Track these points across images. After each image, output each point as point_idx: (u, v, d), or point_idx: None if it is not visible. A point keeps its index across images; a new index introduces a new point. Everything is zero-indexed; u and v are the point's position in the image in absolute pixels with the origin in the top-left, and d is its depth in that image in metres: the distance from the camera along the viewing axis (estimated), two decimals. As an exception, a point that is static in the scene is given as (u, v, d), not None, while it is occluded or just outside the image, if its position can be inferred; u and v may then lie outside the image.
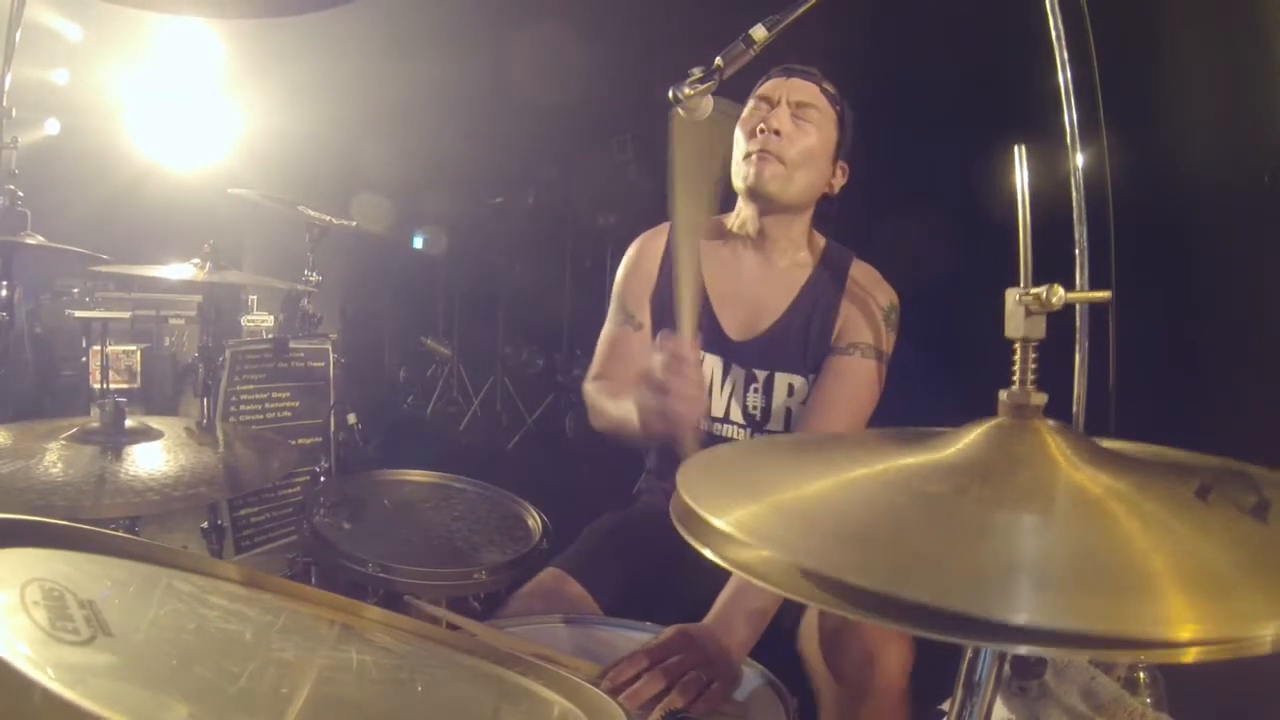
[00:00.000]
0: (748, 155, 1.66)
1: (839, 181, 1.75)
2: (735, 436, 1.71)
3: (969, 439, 0.73)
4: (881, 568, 0.56)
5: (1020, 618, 0.50)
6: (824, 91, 1.70)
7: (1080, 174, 1.37)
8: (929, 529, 0.61)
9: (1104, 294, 0.96)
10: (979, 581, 0.54)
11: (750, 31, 1.31)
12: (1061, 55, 1.36)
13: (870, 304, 1.69)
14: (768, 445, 0.92)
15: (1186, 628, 0.49)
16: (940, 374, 2.03)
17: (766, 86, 1.71)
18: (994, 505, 0.63)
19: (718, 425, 1.72)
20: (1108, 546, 0.58)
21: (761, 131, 1.65)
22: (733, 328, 1.72)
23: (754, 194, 1.67)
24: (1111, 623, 0.50)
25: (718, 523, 0.62)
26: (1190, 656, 0.49)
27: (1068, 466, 0.68)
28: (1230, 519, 0.61)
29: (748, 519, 0.63)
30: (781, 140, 1.64)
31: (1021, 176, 0.83)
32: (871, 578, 0.53)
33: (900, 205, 2.12)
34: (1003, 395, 0.76)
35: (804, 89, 1.69)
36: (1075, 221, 1.38)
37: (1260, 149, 1.89)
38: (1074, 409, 1.39)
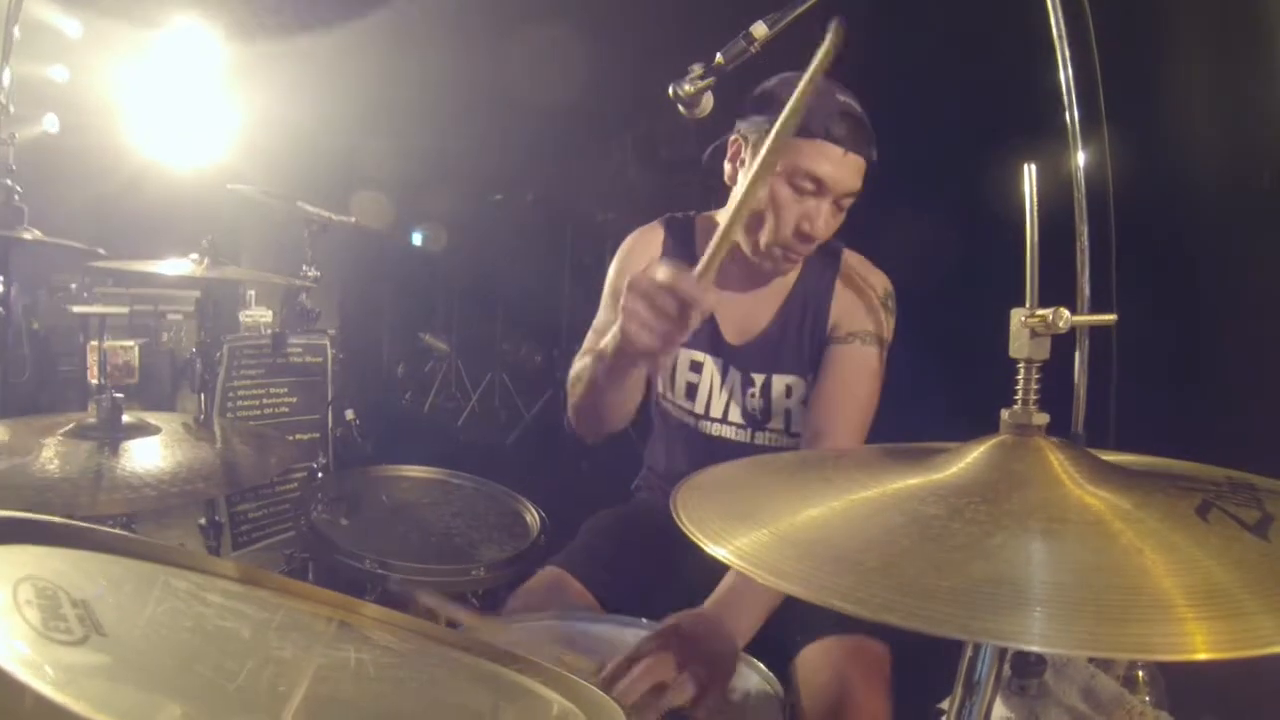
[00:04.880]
0: (771, 245, 1.54)
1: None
2: (735, 437, 1.69)
3: (970, 458, 0.73)
4: (877, 597, 0.58)
5: (1031, 644, 0.51)
6: (868, 165, 1.53)
7: (1082, 172, 1.37)
8: (936, 553, 0.61)
9: (1109, 317, 0.95)
10: (979, 607, 0.55)
11: (751, 29, 1.31)
12: (1062, 54, 1.36)
13: (865, 291, 1.65)
14: (768, 466, 0.92)
15: (1202, 651, 0.50)
16: (941, 375, 2.03)
17: (816, 159, 1.48)
18: (995, 527, 0.63)
19: (716, 426, 1.70)
20: (1113, 567, 0.58)
21: (801, 236, 1.52)
22: (729, 330, 1.70)
23: (768, 269, 1.61)
24: (1124, 650, 0.51)
25: (717, 550, 0.64)
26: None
27: (1070, 484, 0.68)
28: (1231, 536, 0.62)
29: (747, 547, 0.65)
30: (814, 241, 1.53)
31: (1030, 196, 0.81)
32: (868, 606, 0.56)
33: (898, 204, 2.11)
34: (1005, 415, 0.76)
35: (855, 172, 1.51)
36: (1077, 220, 1.38)
37: (1261, 148, 1.89)
38: (1074, 412, 1.39)
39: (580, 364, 1.62)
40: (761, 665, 1.31)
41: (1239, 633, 0.51)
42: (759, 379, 1.67)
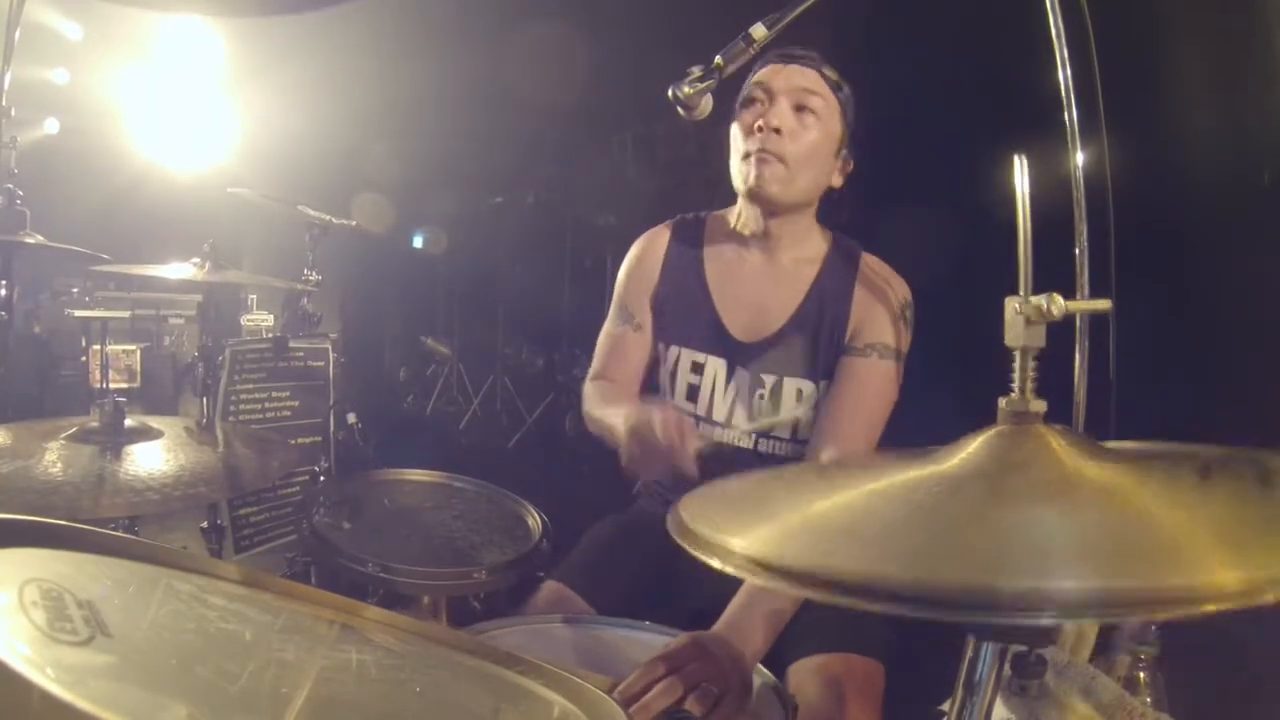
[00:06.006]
0: (747, 155, 1.58)
1: (841, 175, 1.66)
2: (737, 442, 1.66)
3: (969, 449, 0.73)
4: (875, 566, 0.56)
5: (1068, 583, 0.50)
6: (826, 79, 1.59)
7: (1081, 173, 1.37)
8: (936, 525, 0.62)
9: (1104, 303, 0.95)
10: (984, 570, 0.54)
11: (750, 30, 1.31)
12: (1061, 55, 1.36)
13: (884, 301, 1.61)
14: (769, 478, 0.92)
15: (1231, 575, 0.49)
16: (941, 374, 2.03)
17: (764, 73, 1.59)
18: (1009, 500, 0.64)
19: (719, 430, 1.66)
20: (1129, 518, 0.59)
21: (760, 130, 1.56)
22: (738, 329, 1.66)
23: (755, 196, 1.60)
24: (1157, 579, 0.50)
25: (712, 561, 0.64)
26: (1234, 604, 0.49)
27: (1072, 460, 0.68)
28: (1234, 490, 0.62)
29: (746, 537, 0.64)
30: (783, 138, 1.54)
31: (1022, 186, 0.82)
32: (867, 570, 0.55)
33: (899, 204, 2.12)
34: (1002, 403, 0.76)
35: (805, 77, 1.58)
36: (1076, 221, 1.38)
37: (1260, 149, 1.89)
38: (1074, 412, 1.39)
39: (596, 410, 1.63)
40: (764, 668, 1.31)
41: (1259, 578, 0.50)
42: (769, 380, 1.63)
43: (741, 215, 1.69)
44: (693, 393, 1.68)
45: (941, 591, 0.52)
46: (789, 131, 1.56)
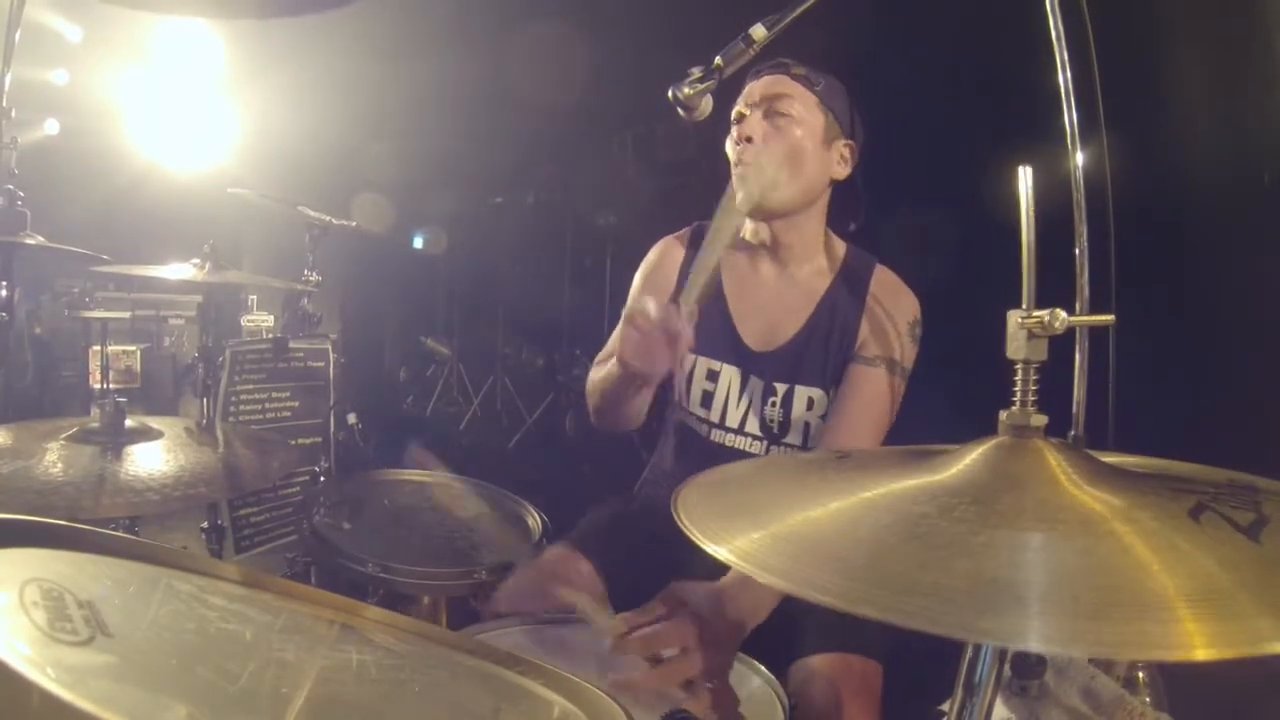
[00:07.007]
0: (733, 172, 1.63)
1: (845, 164, 1.67)
2: (750, 449, 1.68)
3: (967, 460, 0.73)
4: (856, 590, 0.58)
5: (1009, 640, 0.51)
6: (794, 78, 1.62)
7: (1080, 174, 1.37)
8: (921, 551, 0.62)
9: (1107, 318, 0.96)
10: (957, 603, 0.56)
11: (750, 31, 1.31)
12: (1061, 55, 1.36)
13: (893, 315, 1.64)
14: (773, 466, 0.93)
15: (1200, 650, 0.50)
16: (941, 373, 2.03)
17: (742, 93, 1.66)
18: (995, 526, 0.63)
19: (732, 436, 1.69)
20: (1098, 567, 0.58)
21: (738, 144, 1.62)
22: (752, 338, 1.69)
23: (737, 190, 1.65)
24: (1119, 649, 0.51)
25: (716, 550, 0.66)
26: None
27: (1065, 484, 0.68)
28: (1222, 538, 0.61)
29: (742, 545, 0.66)
30: (756, 147, 1.60)
31: (1026, 198, 0.82)
32: (846, 599, 0.56)
33: (897, 205, 2.12)
34: (1003, 416, 0.76)
35: (772, 84, 1.63)
36: (1076, 222, 1.38)
37: (1260, 150, 1.89)
38: (1074, 410, 1.39)
39: (595, 373, 1.65)
40: (763, 667, 1.30)
41: (1229, 632, 0.51)
42: (781, 389, 1.66)
43: (750, 226, 1.71)
44: (707, 399, 1.70)
45: (905, 612, 0.54)
46: (762, 137, 1.60)
